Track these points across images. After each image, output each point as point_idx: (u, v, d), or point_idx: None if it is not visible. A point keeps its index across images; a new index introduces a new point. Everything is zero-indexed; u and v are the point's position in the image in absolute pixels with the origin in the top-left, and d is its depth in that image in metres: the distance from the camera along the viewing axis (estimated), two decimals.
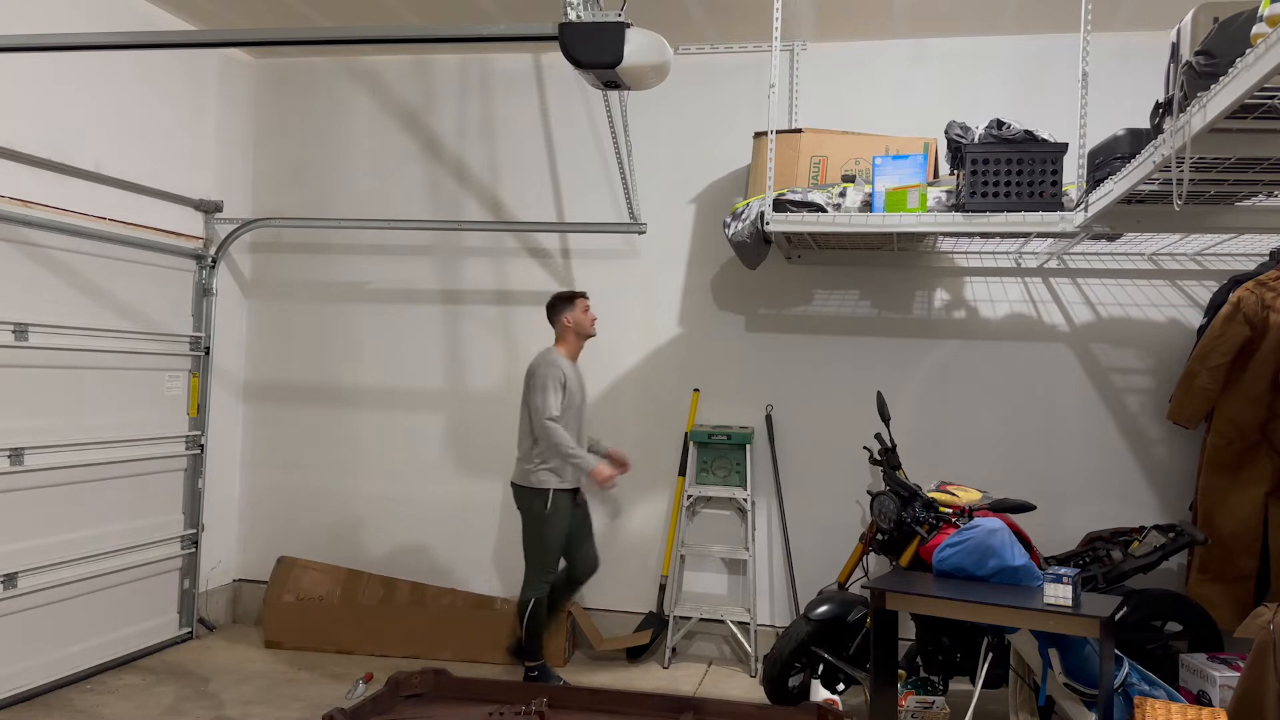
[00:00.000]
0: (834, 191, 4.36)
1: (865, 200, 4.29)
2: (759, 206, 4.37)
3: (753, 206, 4.44)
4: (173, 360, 5.28)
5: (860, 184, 4.36)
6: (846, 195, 4.32)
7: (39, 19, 4.42)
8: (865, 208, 4.28)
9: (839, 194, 4.33)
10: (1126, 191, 3.41)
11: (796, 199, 4.30)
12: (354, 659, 5.17)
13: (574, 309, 4.67)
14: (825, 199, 4.29)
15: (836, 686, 4.19)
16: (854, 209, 4.27)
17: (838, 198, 4.31)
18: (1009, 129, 4.03)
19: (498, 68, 5.65)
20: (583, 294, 4.73)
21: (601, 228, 5.37)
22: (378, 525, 5.70)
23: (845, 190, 4.34)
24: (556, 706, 3.30)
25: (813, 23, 5.02)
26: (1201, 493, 4.48)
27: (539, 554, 4.57)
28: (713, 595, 5.34)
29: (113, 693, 4.54)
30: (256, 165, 5.92)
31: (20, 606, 4.38)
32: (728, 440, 5.20)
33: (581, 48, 3.07)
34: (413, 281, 5.72)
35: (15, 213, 4.29)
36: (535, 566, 4.58)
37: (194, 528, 5.41)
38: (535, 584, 4.57)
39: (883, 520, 4.23)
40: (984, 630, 3.85)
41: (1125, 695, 3.53)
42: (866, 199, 4.28)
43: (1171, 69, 3.08)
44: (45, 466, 4.48)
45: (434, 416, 5.67)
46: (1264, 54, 2.20)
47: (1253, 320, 4.22)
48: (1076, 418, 5.00)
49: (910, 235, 4.50)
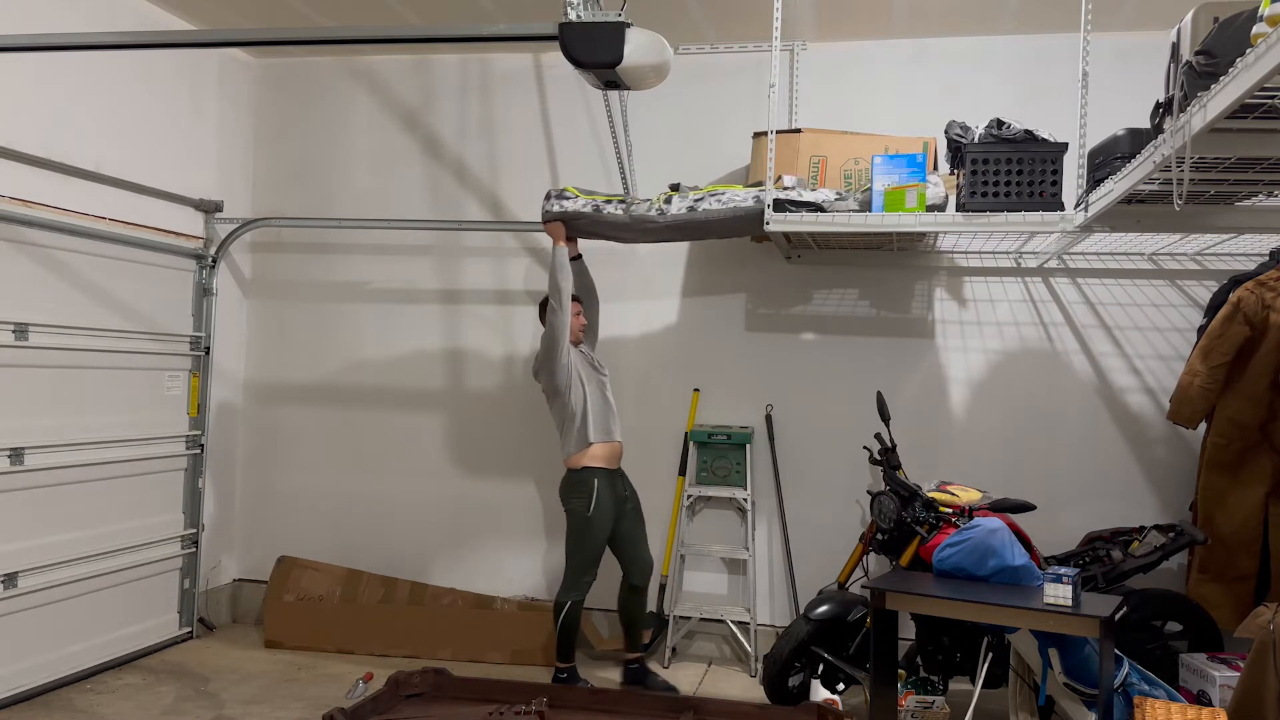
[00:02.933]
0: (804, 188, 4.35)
1: (863, 199, 4.28)
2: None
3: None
4: (173, 360, 5.28)
5: (799, 189, 4.31)
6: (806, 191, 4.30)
7: (39, 19, 4.42)
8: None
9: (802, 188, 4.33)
10: (1126, 191, 3.41)
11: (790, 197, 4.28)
12: (354, 659, 5.17)
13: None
14: (797, 196, 4.28)
15: (836, 686, 4.19)
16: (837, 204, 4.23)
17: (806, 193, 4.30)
18: (1009, 129, 4.03)
19: (498, 68, 5.65)
20: (575, 297, 4.71)
21: None
22: (378, 525, 5.70)
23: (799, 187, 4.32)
24: (556, 706, 3.30)
25: (813, 23, 5.02)
26: (1201, 493, 4.48)
27: (578, 556, 4.51)
28: (713, 595, 5.34)
29: (113, 692, 4.54)
30: (256, 165, 5.92)
31: (20, 606, 4.38)
32: (728, 440, 5.20)
33: (581, 48, 3.07)
34: (413, 281, 5.72)
35: (15, 213, 4.29)
36: (574, 569, 4.52)
37: (194, 528, 5.42)
38: (572, 586, 4.51)
39: (883, 520, 4.23)
40: (984, 630, 3.85)
41: (1125, 695, 3.53)
42: (856, 197, 4.26)
43: (1171, 69, 3.08)
44: (45, 466, 4.48)
45: (434, 416, 5.67)
46: (1264, 54, 2.20)
47: (1253, 320, 4.22)
48: (1076, 417, 5.00)
49: (909, 235, 4.49)
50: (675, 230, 4.38)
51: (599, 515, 4.48)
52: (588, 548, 4.50)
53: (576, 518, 4.50)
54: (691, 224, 4.33)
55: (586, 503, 4.46)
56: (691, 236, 4.48)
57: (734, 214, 4.26)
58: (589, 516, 4.47)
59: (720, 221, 4.29)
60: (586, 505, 4.46)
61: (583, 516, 4.48)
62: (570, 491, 4.52)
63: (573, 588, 4.51)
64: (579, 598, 4.52)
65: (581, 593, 4.52)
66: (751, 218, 4.25)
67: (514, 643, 5.12)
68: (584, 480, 4.49)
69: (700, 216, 4.29)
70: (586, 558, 4.51)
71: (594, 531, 4.49)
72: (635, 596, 4.70)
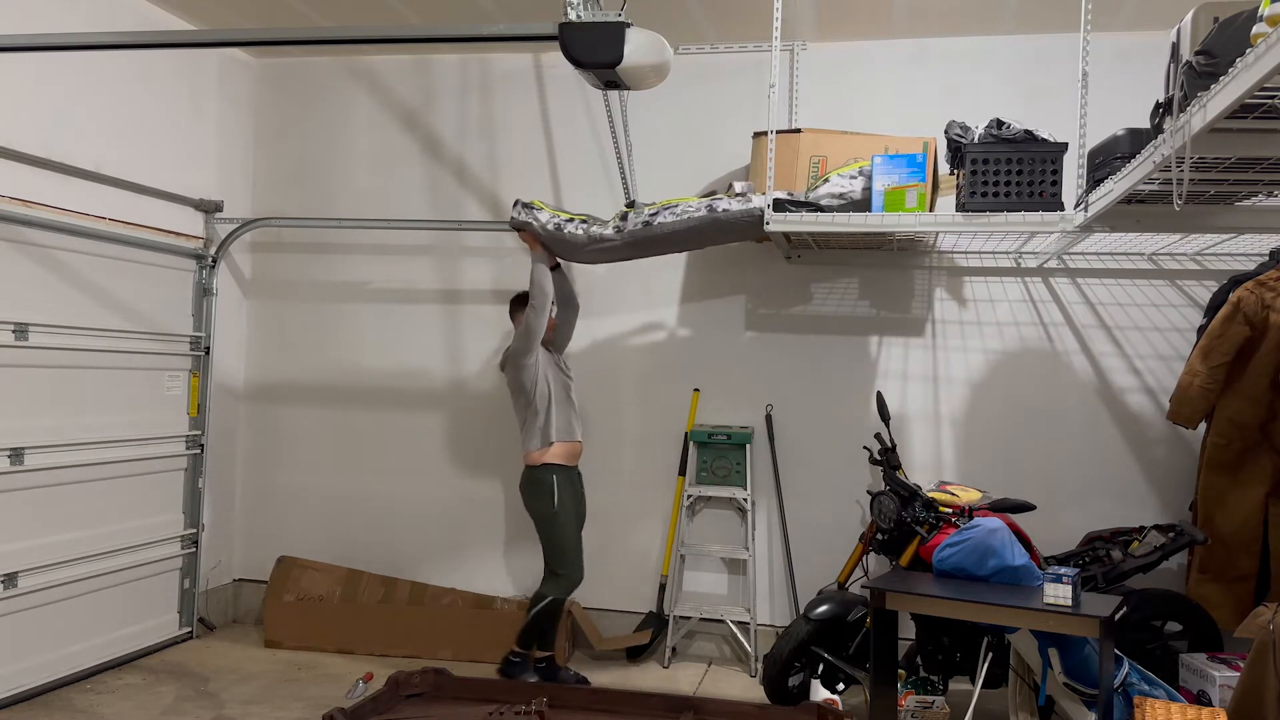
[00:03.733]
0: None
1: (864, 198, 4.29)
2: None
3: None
4: (173, 360, 5.28)
5: (749, 193, 4.38)
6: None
7: (39, 19, 4.42)
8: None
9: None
10: (1126, 191, 3.41)
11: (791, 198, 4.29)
12: (354, 659, 5.17)
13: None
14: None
15: (836, 686, 4.19)
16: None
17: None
18: (1009, 129, 4.03)
19: (498, 68, 5.65)
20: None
21: None
22: (378, 525, 5.70)
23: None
24: (556, 706, 3.30)
25: (813, 23, 5.02)
26: (1201, 493, 4.48)
27: (556, 551, 4.53)
28: (713, 595, 5.34)
29: (113, 692, 4.54)
30: (256, 165, 5.92)
31: (20, 606, 4.38)
32: (728, 440, 5.20)
33: (581, 48, 3.07)
34: (413, 281, 5.72)
35: (15, 213, 4.29)
36: (555, 566, 4.54)
37: (194, 528, 5.42)
38: (556, 583, 4.53)
39: (883, 520, 4.23)
40: (984, 630, 3.85)
41: (1125, 695, 3.53)
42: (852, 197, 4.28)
43: (1171, 69, 3.08)
44: (45, 466, 4.48)
45: (434, 416, 5.67)
46: (1264, 54, 2.20)
47: (1253, 320, 4.22)
48: (1076, 417, 5.00)
49: (909, 235, 4.49)
50: (633, 246, 4.41)
51: (563, 509, 4.53)
52: (562, 541, 4.54)
53: (543, 518, 4.54)
54: (648, 238, 4.36)
55: (550, 500, 4.52)
56: (649, 252, 4.50)
57: (688, 224, 4.29)
58: (554, 512, 4.52)
59: (677, 233, 4.33)
60: (550, 502, 4.52)
61: (549, 515, 4.53)
62: (530, 491, 4.56)
63: (556, 585, 4.53)
64: (563, 596, 4.54)
65: (565, 590, 4.54)
66: (704, 227, 4.29)
67: (510, 642, 5.11)
68: (542, 479, 4.53)
69: (656, 230, 4.33)
70: (564, 551, 4.54)
71: (563, 524, 4.53)
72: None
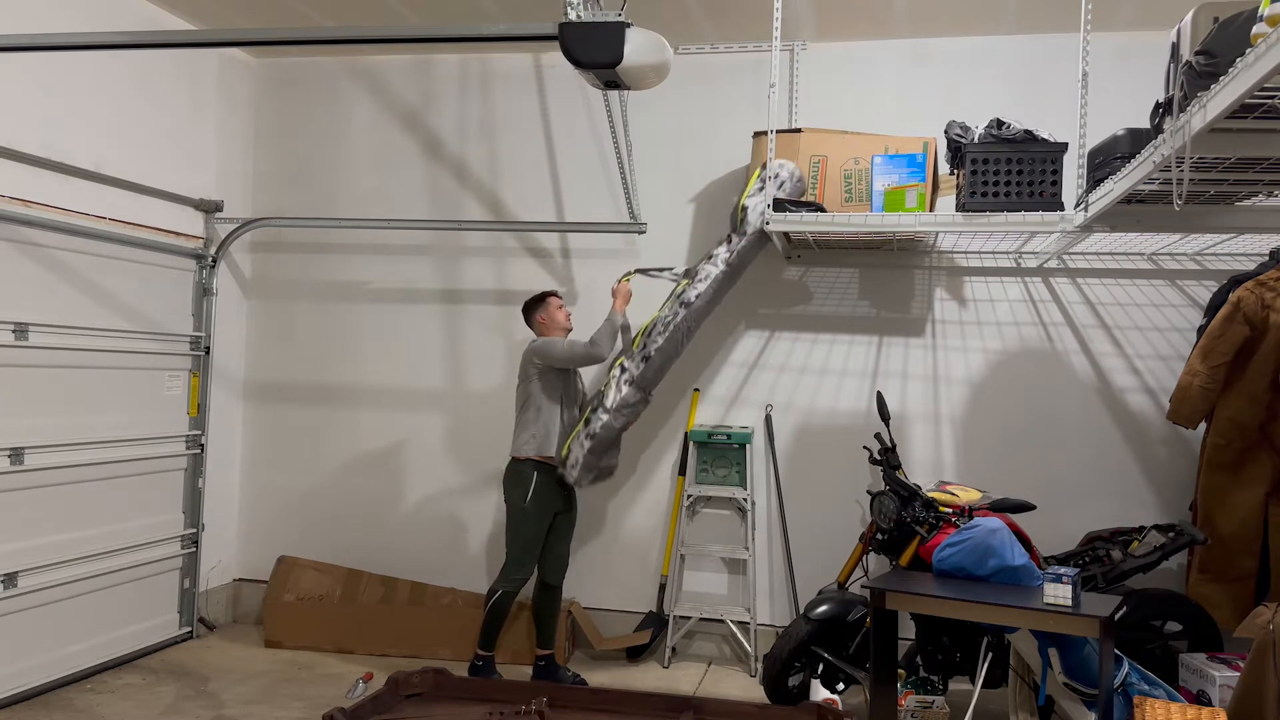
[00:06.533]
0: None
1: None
2: (758, 207, 4.38)
3: (752, 208, 4.45)
4: (173, 360, 5.28)
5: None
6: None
7: (39, 19, 4.42)
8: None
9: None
10: (1126, 191, 3.42)
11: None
12: (354, 659, 5.17)
13: (546, 308, 4.75)
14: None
15: (836, 686, 4.19)
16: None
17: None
18: (1009, 129, 4.03)
19: (498, 68, 5.65)
20: (553, 293, 4.78)
21: (601, 227, 5.37)
22: (378, 525, 5.70)
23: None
24: (556, 706, 3.30)
25: (813, 23, 5.02)
26: (1201, 493, 4.48)
27: (515, 547, 4.58)
28: (712, 595, 5.34)
29: (113, 692, 4.54)
30: (256, 165, 5.92)
31: (20, 606, 4.38)
32: (728, 440, 5.20)
33: (581, 47, 3.07)
34: (413, 281, 5.72)
35: (15, 213, 4.29)
36: (511, 559, 4.59)
37: (194, 527, 5.42)
38: (507, 577, 4.57)
39: (883, 520, 4.23)
40: (984, 630, 3.85)
41: (1125, 695, 3.53)
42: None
43: (1171, 69, 3.08)
44: (45, 466, 4.49)
45: (434, 416, 5.67)
46: (1264, 54, 2.21)
47: (1253, 320, 4.22)
48: (1076, 417, 5.00)
49: (909, 235, 4.49)
50: (658, 371, 4.67)
51: (535, 507, 4.56)
52: (524, 537, 4.56)
53: (514, 509, 4.58)
54: (662, 359, 4.63)
55: (524, 492, 4.55)
56: (679, 350, 4.74)
57: (686, 319, 4.60)
58: (525, 507, 4.55)
59: (681, 330, 4.61)
60: (524, 495, 4.55)
61: (520, 508, 4.56)
62: (510, 482, 4.61)
63: (507, 578, 4.57)
64: (511, 590, 4.56)
65: (514, 586, 4.57)
66: (725, 279, 4.63)
67: (513, 643, 5.12)
68: (524, 473, 4.57)
69: (666, 347, 4.60)
70: (523, 548, 4.57)
71: (530, 523, 4.55)
72: (548, 594, 4.78)
